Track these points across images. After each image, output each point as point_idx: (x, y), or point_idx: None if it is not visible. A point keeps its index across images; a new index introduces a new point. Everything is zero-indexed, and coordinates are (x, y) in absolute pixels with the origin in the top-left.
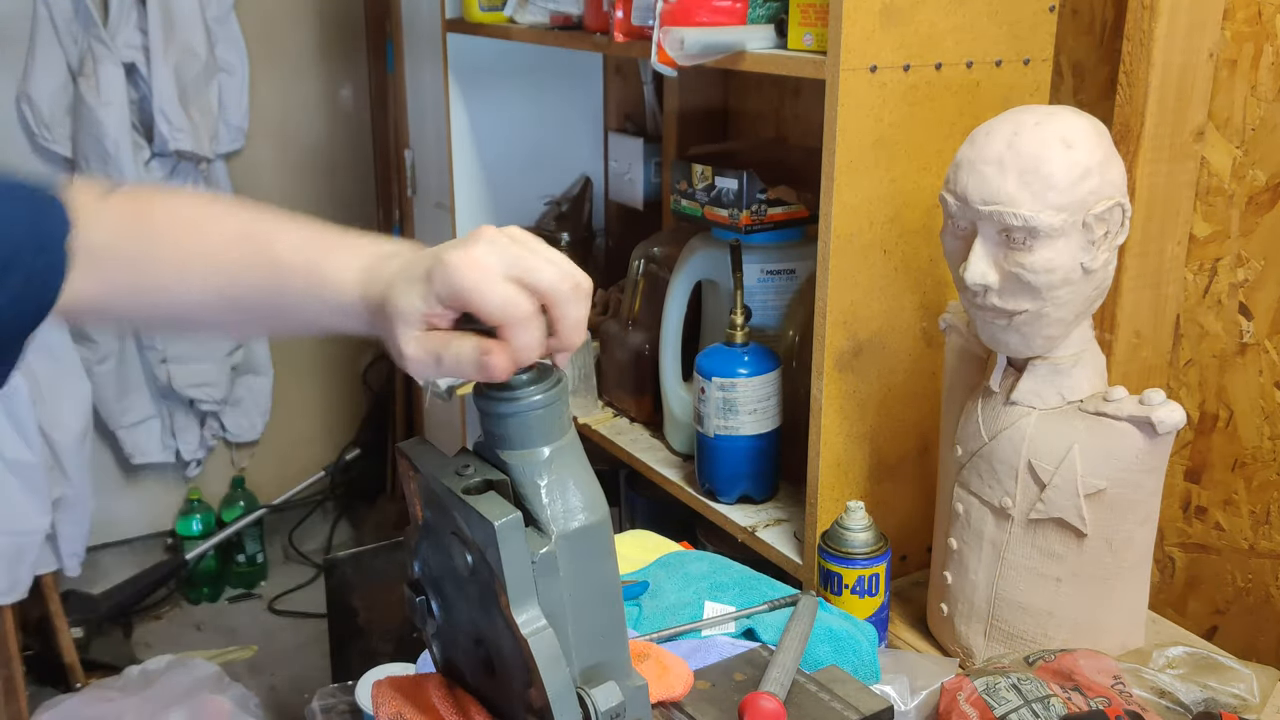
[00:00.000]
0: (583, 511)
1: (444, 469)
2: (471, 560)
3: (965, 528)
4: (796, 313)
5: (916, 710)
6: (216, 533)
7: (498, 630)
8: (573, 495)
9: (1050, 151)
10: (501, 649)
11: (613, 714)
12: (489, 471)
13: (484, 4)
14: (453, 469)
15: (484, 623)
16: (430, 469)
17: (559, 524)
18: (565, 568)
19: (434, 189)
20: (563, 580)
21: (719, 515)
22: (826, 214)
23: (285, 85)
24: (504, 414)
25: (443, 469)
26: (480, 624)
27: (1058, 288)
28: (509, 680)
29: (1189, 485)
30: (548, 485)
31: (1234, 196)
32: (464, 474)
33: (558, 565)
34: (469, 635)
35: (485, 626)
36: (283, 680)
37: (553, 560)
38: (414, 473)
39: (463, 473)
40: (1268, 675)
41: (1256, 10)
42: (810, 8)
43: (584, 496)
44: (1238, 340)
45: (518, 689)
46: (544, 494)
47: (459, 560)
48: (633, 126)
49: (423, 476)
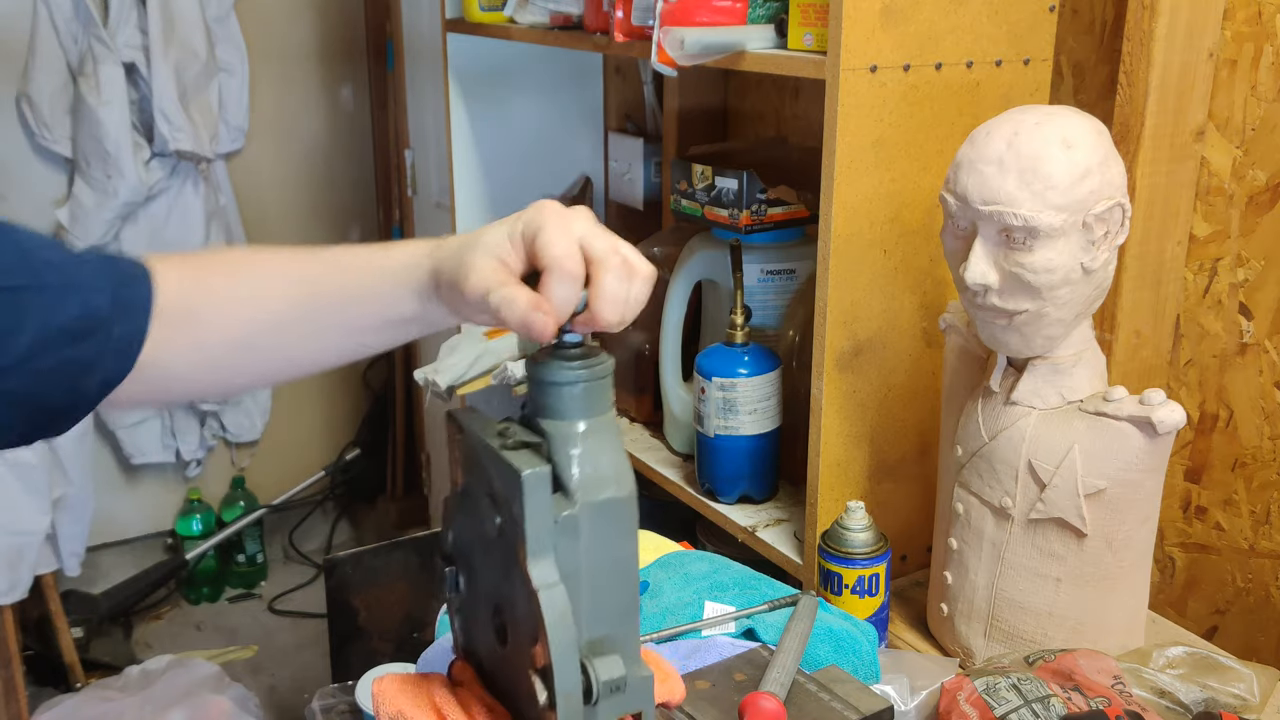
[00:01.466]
0: (611, 485)
1: (486, 429)
2: (500, 521)
3: (965, 528)
4: (796, 313)
5: (916, 710)
6: (216, 533)
7: (515, 590)
8: (604, 467)
9: (1050, 151)
10: (515, 610)
11: (613, 686)
12: (528, 435)
13: (484, 4)
14: (495, 430)
15: (504, 587)
16: (473, 428)
17: (586, 492)
18: (586, 536)
19: (434, 189)
20: (582, 548)
21: (719, 515)
22: (826, 214)
23: (285, 85)
24: (551, 381)
25: (485, 429)
26: (500, 589)
27: (1058, 288)
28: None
29: (1189, 485)
30: (580, 454)
31: (1234, 196)
32: (504, 434)
33: (579, 530)
34: (489, 604)
35: (504, 591)
36: (283, 680)
37: (574, 524)
38: (459, 434)
39: (504, 433)
40: (1268, 675)
41: (1256, 10)
42: (810, 8)
43: (615, 471)
44: (1238, 340)
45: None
46: (575, 462)
47: (488, 523)
48: (633, 126)
49: (466, 438)
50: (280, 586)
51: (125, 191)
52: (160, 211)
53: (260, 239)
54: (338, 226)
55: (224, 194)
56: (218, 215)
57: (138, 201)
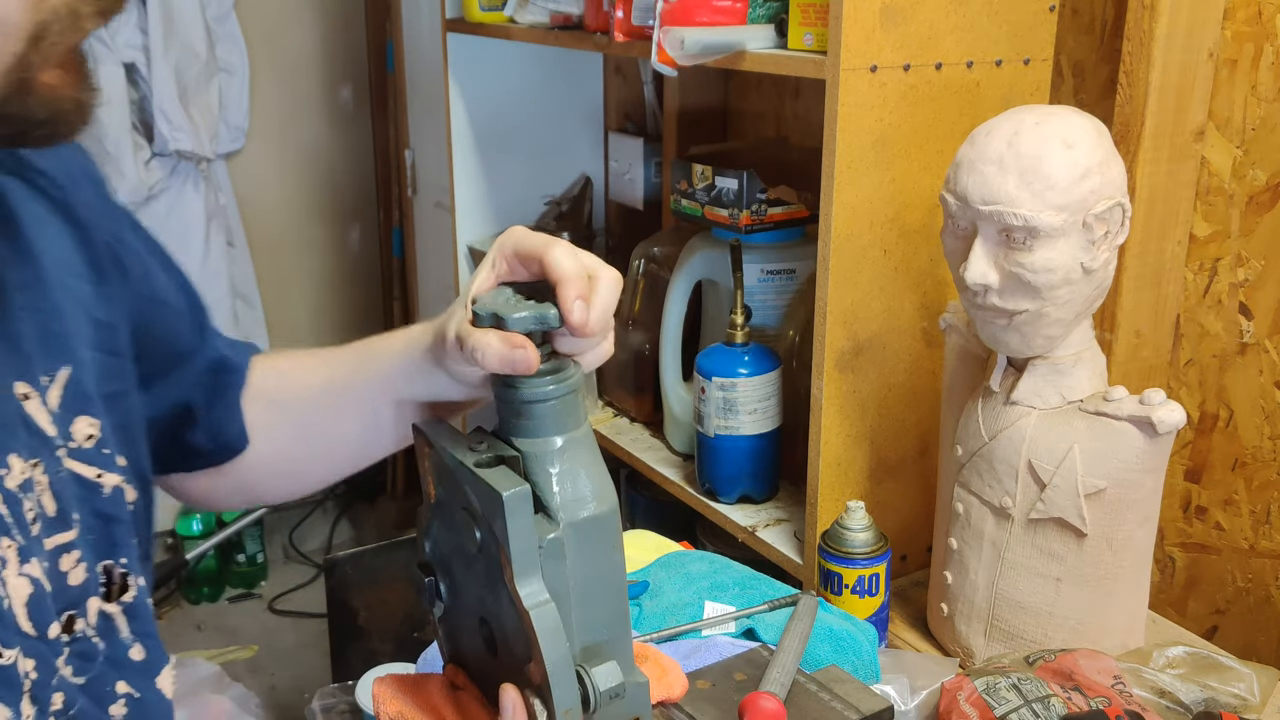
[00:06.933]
0: (592, 501)
1: (457, 444)
2: (480, 536)
3: (965, 527)
4: (796, 313)
5: (916, 710)
6: (216, 532)
7: (502, 607)
8: (583, 484)
9: (1050, 151)
10: (504, 626)
11: (612, 694)
12: (502, 449)
13: (484, 4)
14: (466, 445)
15: (489, 600)
16: (444, 444)
17: (568, 512)
18: (572, 555)
19: (434, 189)
20: (569, 568)
21: (719, 515)
22: (826, 214)
23: (285, 85)
24: (523, 400)
25: (456, 444)
26: (486, 602)
27: (1058, 287)
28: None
29: (1189, 485)
30: (559, 474)
31: (1234, 196)
32: (477, 449)
33: (564, 552)
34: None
35: (490, 604)
36: (283, 680)
37: (559, 546)
38: (428, 448)
39: (476, 448)
40: (1268, 675)
41: (1256, 10)
42: (810, 7)
43: (595, 487)
44: (1238, 340)
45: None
46: (555, 481)
47: (467, 537)
48: (633, 126)
49: (436, 452)
50: (280, 586)
51: (125, 191)
52: (160, 211)
53: (260, 239)
54: (338, 226)
55: (224, 194)
56: (218, 215)
57: (138, 201)
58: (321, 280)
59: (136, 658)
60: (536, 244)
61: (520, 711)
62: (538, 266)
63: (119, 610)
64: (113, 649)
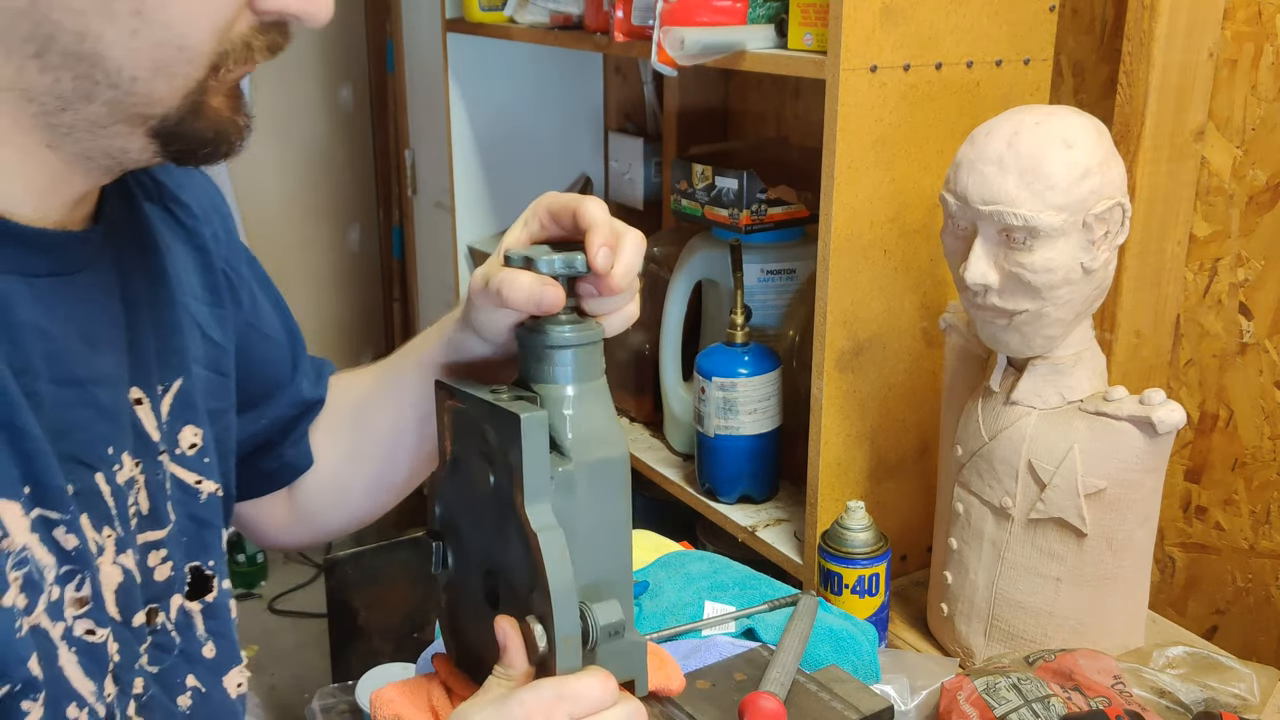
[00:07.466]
0: (605, 445)
1: (478, 389)
2: (494, 478)
3: (965, 527)
4: (796, 313)
5: (916, 710)
6: None
7: (509, 545)
8: (597, 428)
9: (1050, 151)
10: (509, 566)
11: (611, 630)
12: (521, 393)
13: (484, 4)
14: (487, 389)
15: (496, 549)
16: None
17: (580, 452)
18: (582, 494)
19: (434, 189)
20: (578, 506)
21: (719, 515)
22: (826, 214)
23: (285, 85)
24: (544, 346)
25: (476, 388)
26: (493, 552)
27: (1058, 287)
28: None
29: (1189, 485)
30: (573, 416)
31: (1234, 196)
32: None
33: (575, 487)
34: (478, 574)
35: (497, 552)
36: (283, 680)
37: (570, 480)
38: (449, 401)
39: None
40: (1268, 675)
41: (1256, 10)
42: (810, 7)
43: (608, 431)
44: (1238, 340)
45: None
46: (569, 423)
47: (480, 483)
48: (633, 126)
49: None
50: (280, 586)
51: None
52: None
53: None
54: (338, 226)
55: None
56: None
57: None
58: (321, 280)
59: (208, 655)
60: (569, 199)
61: (515, 636)
62: (570, 220)
63: (199, 609)
64: (187, 644)
